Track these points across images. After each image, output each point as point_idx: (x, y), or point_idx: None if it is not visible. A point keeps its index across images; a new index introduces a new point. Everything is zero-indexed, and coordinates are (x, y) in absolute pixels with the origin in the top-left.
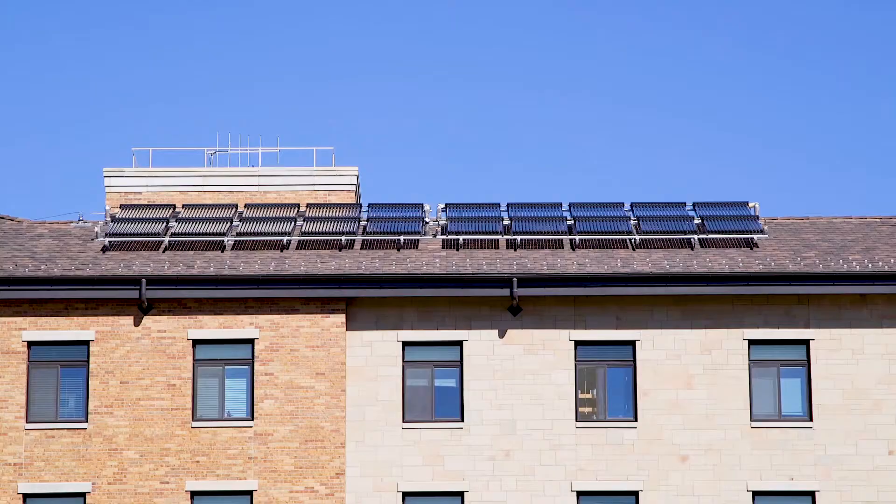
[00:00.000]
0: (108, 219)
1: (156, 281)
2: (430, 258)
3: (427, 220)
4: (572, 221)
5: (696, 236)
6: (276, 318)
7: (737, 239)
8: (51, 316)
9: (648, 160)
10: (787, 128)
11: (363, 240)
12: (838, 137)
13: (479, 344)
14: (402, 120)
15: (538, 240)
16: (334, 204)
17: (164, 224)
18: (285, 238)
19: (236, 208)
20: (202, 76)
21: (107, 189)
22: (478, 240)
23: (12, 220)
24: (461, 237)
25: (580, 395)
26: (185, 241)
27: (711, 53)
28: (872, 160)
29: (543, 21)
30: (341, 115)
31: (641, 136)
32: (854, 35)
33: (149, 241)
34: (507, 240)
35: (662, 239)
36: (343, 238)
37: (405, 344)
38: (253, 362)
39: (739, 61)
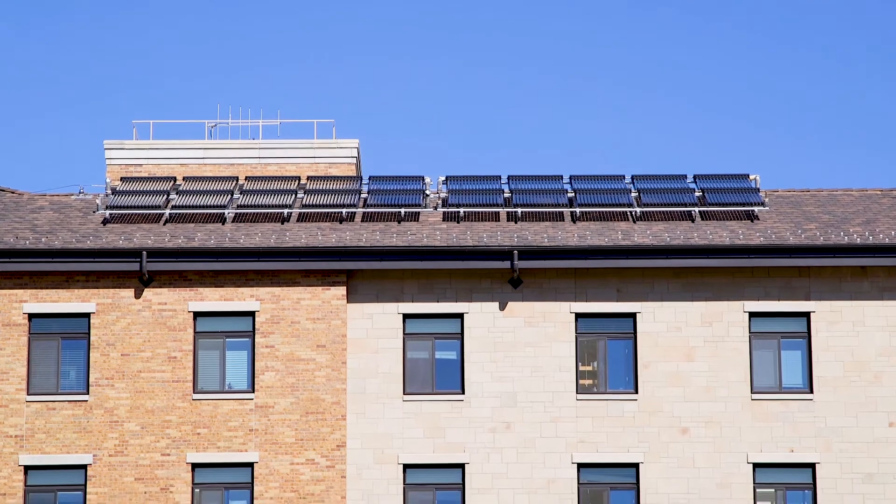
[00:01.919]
0: (109, 191)
1: (156, 253)
2: (430, 230)
3: (428, 192)
4: (573, 194)
5: (696, 209)
6: (276, 290)
7: (737, 211)
8: (51, 288)
9: (649, 134)
10: (789, 100)
11: (364, 212)
12: (839, 110)
13: (480, 316)
14: (402, 93)
15: (539, 212)
16: (335, 176)
17: (165, 196)
18: (286, 210)
19: (237, 181)
20: (203, 49)
21: (107, 161)
22: (478, 212)
23: (13, 193)
24: (462, 210)
25: (581, 368)
26: (186, 213)
27: (710, 28)
28: (873, 133)
29: None
30: (342, 88)
31: (642, 110)
32: (854, 8)
33: (149, 214)
34: (507, 212)
35: (663, 211)
36: (344, 210)
37: (406, 316)
38: (254, 335)
39: (739, 35)
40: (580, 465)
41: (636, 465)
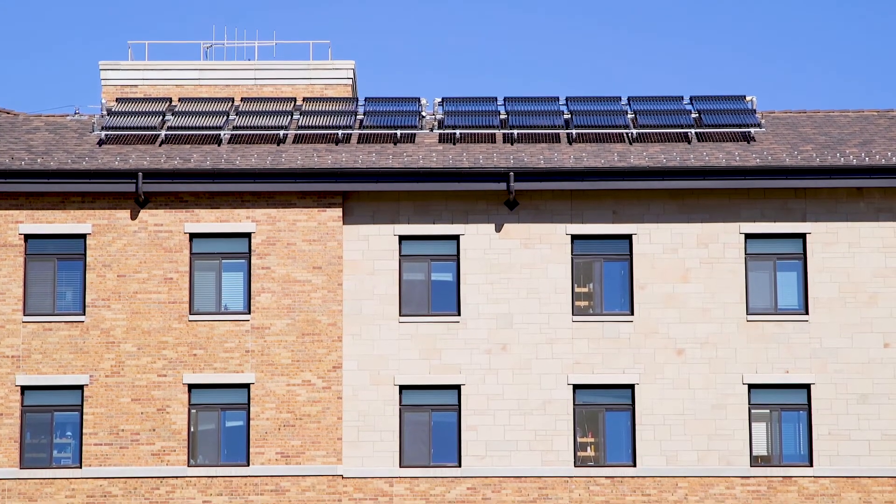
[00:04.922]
0: (105, 112)
1: (152, 174)
2: (426, 152)
3: (424, 114)
4: (569, 116)
5: (693, 130)
6: (272, 212)
7: (734, 133)
8: (47, 209)
9: (645, 55)
10: (785, 22)
11: (360, 134)
12: (835, 31)
13: (476, 238)
14: (398, 15)
15: (535, 134)
16: (331, 98)
17: (161, 118)
18: (282, 132)
19: (233, 102)
20: None
21: (103, 82)
22: (475, 134)
23: (8, 114)
24: (458, 131)
25: (577, 289)
26: (182, 134)
27: None
28: (870, 54)
29: None
30: (338, 10)
31: (639, 30)
32: None
33: (145, 135)
34: (503, 134)
35: (659, 133)
36: (340, 132)
37: (402, 238)
38: (250, 256)
39: None
40: (576, 387)
41: (632, 387)
